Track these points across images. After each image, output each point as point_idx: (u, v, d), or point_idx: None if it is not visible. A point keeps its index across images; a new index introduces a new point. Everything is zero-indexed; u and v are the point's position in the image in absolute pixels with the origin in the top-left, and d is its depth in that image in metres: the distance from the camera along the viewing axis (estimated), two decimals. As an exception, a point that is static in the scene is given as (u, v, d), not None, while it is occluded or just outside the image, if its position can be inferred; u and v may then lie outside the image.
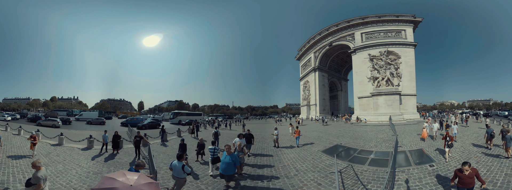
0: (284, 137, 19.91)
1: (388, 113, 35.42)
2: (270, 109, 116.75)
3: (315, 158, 11.98)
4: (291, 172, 9.73)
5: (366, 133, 22.24)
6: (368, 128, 27.23)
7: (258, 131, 26.80)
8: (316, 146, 15.60)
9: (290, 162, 11.38)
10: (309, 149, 14.57)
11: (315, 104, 55.34)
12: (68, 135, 17.35)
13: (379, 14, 39.95)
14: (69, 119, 34.40)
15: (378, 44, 39.27)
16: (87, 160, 11.50)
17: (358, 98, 40.52)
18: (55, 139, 15.94)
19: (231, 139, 16.01)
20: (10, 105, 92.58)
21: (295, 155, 13.10)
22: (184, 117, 45.27)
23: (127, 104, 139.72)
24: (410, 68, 38.48)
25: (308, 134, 22.90)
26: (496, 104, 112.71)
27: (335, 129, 27.22)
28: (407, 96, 38.07)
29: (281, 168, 10.34)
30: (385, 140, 18.33)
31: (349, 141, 17.56)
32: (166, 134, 18.86)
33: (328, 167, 10.21)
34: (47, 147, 14.27)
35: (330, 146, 15.45)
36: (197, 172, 9.75)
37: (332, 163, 10.85)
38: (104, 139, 13.80)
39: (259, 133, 24.69)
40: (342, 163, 10.77)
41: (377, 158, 12.16)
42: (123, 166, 10.60)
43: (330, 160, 11.59)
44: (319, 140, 18.28)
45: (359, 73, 40.47)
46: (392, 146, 14.36)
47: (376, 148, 14.88)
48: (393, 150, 9.44)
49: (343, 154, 13.01)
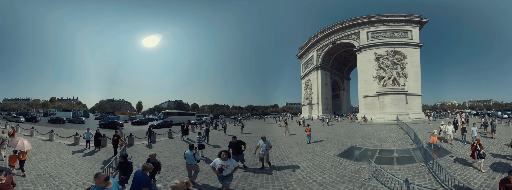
0: (282, 143, 17.31)
1: (394, 112, 35.17)
2: (270, 109, 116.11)
3: (335, 165, 10.41)
4: (315, 188, 7.64)
5: (376, 133, 21.56)
6: (376, 127, 26.52)
7: (258, 133, 25.23)
8: (329, 150, 14.04)
9: (306, 174, 9.15)
10: (322, 154, 12.82)
11: (317, 103, 54.57)
12: (61, 133, 18.75)
13: (386, 13, 39.74)
14: (35, 117, 36.66)
15: (384, 44, 38.99)
16: (68, 154, 12.87)
17: (363, 97, 39.86)
18: (46, 135, 17.96)
19: (213, 155, 12.78)
20: (10, 105, 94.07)
21: (308, 162, 10.91)
22: (176, 117, 41.49)
23: (126, 104, 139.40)
24: (416, 68, 38.69)
25: (315, 135, 20.95)
26: (497, 104, 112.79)
27: (342, 129, 26.39)
28: (412, 96, 38.31)
29: (296, 184, 7.97)
30: (399, 138, 17.94)
31: (362, 141, 16.77)
32: (154, 134, 18.02)
33: (356, 174, 8.95)
34: (39, 141, 15.98)
35: (345, 149, 14.15)
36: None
37: (358, 168, 9.76)
38: (87, 136, 14.91)
39: (259, 134, 22.78)
40: (368, 166, 9.74)
41: (402, 156, 11.94)
42: (96, 162, 11.30)
43: (353, 164, 10.36)
44: (329, 142, 17.02)
45: (364, 72, 39.81)
46: (408, 143, 15.31)
47: (395, 147, 14.56)
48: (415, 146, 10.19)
49: (363, 156, 12.14)
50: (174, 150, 14.56)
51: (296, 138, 19.86)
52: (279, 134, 23.37)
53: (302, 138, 19.01)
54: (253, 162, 11.05)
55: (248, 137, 20.84)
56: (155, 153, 8.06)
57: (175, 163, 11.12)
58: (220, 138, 21.06)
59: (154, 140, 17.69)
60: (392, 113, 34.99)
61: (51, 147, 14.47)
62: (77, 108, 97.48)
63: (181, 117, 42.20)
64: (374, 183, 7.86)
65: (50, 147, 14.47)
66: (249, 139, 18.95)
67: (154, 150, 14.46)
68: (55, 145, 15.08)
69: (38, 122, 33.85)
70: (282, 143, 17.26)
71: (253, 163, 10.96)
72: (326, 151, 13.48)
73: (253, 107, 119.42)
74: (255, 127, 33.61)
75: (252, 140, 18.84)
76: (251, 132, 26.56)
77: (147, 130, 17.74)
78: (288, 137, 20.46)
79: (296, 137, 20.47)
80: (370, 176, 8.16)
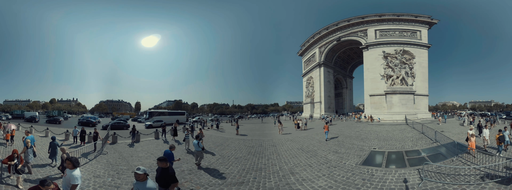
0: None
1: (402, 112, 34.65)
2: (270, 107, 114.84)
3: (367, 178, 7.90)
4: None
5: (390, 133, 20.40)
6: (386, 127, 25.31)
7: (256, 134, 22.31)
8: (346, 157, 11.35)
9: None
10: (340, 164, 10.01)
11: (320, 102, 53.20)
12: (56, 131, 20.13)
13: (397, 13, 39.21)
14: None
15: (393, 43, 38.42)
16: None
17: (369, 96, 38.72)
18: (43, 132, 20.12)
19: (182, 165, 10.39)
20: (10, 106, 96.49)
21: (327, 180, 7.87)
22: (163, 117, 37.16)
23: (126, 104, 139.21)
24: (423, 69, 38.63)
25: (322, 138, 17.88)
26: (497, 105, 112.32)
27: (350, 129, 24.75)
28: (419, 96, 38.09)
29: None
30: (417, 138, 17.12)
31: (380, 143, 15.40)
32: (139, 134, 18.16)
33: (403, 183, 7.33)
34: (36, 137, 16.16)
35: (365, 155, 11.78)
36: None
37: (398, 177, 7.94)
38: (74, 132, 17.01)
39: (256, 137, 20.19)
40: (405, 171, 8.55)
41: (431, 154, 11.58)
42: (77, 154, 11.26)
43: (388, 173, 8.38)
44: (342, 147, 14.27)
45: (371, 70, 38.64)
46: (429, 142, 14.95)
47: (418, 147, 13.72)
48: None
49: (392, 161, 10.69)
50: (151, 151, 13.77)
51: (300, 142, 16.58)
52: (279, 137, 20.23)
53: (308, 142, 16.32)
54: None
55: (242, 141, 17.54)
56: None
57: (145, 164, 10.39)
58: (210, 139, 18.32)
59: (138, 140, 17.79)
60: (400, 113, 34.42)
61: (45, 141, 15.92)
62: (77, 109, 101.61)
63: (169, 117, 38.39)
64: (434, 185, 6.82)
65: (44, 141, 16.00)
66: (243, 144, 15.92)
67: (134, 149, 14.63)
68: (49, 140, 15.46)
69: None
70: (283, 150, 13.89)
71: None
72: (344, 160, 10.86)
73: (253, 105, 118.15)
74: (253, 127, 31.22)
75: (248, 144, 16.11)
76: (248, 133, 23.20)
77: (131, 130, 18.40)
78: (290, 142, 17.06)
79: (300, 141, 17.28)
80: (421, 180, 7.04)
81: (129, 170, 9.24)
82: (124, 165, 10.20)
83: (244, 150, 14.09)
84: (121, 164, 10.37)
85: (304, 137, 19.42)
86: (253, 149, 14.39)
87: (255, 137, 19.93)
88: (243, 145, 15.89)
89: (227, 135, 22.16)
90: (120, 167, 9.81)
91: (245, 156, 12.10)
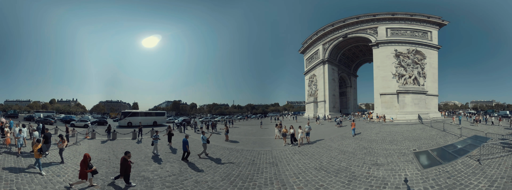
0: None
1: (415, 111, 34.42)
2: (271, 107, 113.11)
3: (452, 176, 7.27)
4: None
5: (412, 133, 19.55)
6: (403, 127, 24.05)
7: (249, 143, 17.18)
8: (396, 168, 9.07)
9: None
10: (398, 182, 7.71)
11: (324, 101, 51.47)
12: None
13: (410, 12, 38.75)
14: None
15: (405, 42, 37.87)
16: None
17: (380, 95, 37.40)
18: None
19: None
20: (11, 106, 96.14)
21: None
22: (138, 118, 33.26)
23: (125, 105, 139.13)
24: (434, 70, 38.50)
25: (345, 148, 13.73)
26: (499, 105, 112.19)
27: (368, 131, 21.70)
28: (430, 96, 37.87)
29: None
30: (441, 135, 17.68)
31: (412, 144, 14.32)
32: (115, 133, 18.88)
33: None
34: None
35: (413, 158, 10.40)
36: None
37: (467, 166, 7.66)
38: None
39: (249, 146, 15.34)
40: (465, 159, 8.86)
41: (464, 145, 12.60)
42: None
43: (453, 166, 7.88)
44: (375, 155, 11.56)
45: (382, 68, 37.41)
46: (456, 137, 16.15)
47: (449, 142, 14.37)
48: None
49: (443, 157, 10.78)
50: (115, 152, 13.19)
51: (315, 156, 11.88)
52: (282, 148, 14.56)
53: (326, 154, 12.32)
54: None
55: (227, 152, 13.31)
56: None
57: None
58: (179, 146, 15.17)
59: (115, 138, 18.56)
60: (413, 112, 33.94)
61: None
62: (76, 110, 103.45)
63: (145, 118, 34.72)
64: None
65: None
66: (226, 158, 11.74)
67: (104, 145, 15.68)
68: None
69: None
70: (291, 172, 9.09)
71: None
72: (398, 172, 8.65)
73: (253, 105, 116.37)
74: (249, 131, 26.49)
75: (234, 158, 11.82)
76: (240, 140, 18.62)
77: (107, 128, 19.34)
78: (298, 155, 12.30)
79: (314, 153, 12.59)
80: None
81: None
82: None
83: (222, 170, 9.58)
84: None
85: (317, 147, 14.50)
86: (238, 168, 9.73)
87: (247, 147, 15.24)
88: (226, 159, 11.68)
89: (216, 142, 17.09)
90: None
91: (220, 184, 7.87)
